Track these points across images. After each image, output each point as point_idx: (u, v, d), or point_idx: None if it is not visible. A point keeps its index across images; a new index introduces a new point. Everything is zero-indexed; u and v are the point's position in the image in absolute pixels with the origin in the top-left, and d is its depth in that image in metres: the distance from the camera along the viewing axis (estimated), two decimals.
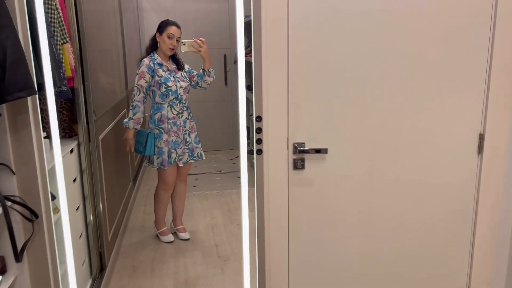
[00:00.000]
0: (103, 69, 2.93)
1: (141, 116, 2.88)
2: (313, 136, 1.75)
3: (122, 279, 2.69)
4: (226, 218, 3.62)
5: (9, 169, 1.51)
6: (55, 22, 1.87)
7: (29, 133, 1.53)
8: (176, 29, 2.89)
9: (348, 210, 1.83)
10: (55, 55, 1.80)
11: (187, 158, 3.04)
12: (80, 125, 2.30)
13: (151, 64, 2.87)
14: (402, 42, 1.68)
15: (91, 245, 2.43)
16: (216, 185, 4.43)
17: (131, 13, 4.43)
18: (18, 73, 1.37)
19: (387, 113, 1.75)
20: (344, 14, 1.64)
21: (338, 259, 1.87)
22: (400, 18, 1.67)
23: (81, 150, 2.32)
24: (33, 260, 1.61)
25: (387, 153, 1.78)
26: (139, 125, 2.90)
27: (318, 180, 1.79)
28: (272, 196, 1.78)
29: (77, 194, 2.28)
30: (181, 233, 3.26)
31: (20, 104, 1.50)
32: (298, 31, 1.64)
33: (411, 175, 1.81)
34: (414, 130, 1.77)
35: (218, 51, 5.50)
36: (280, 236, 1.82)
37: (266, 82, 1.67)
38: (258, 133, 1.72)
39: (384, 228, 1.86)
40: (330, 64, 1.68)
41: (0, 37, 1.32)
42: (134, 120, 2.86)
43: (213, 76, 2.99)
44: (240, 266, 2.84)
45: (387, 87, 1.72)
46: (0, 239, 1.55)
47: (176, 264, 2.88)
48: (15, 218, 1.53)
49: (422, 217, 1.86)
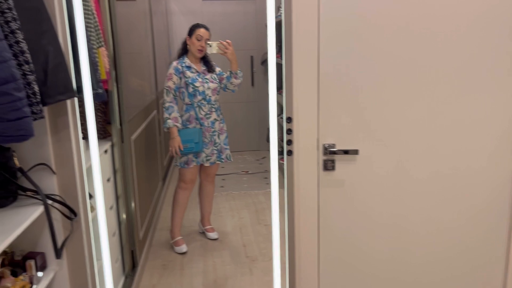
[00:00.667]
0: (134, 71, 3.01)
1: (178, 116, 2.91)
2: (343, 137, 1.74)
3: (152, 277, 2.75)
4: (254, 218, 3.64)
5: (49, 169, 1.57)
6: (91, 27, 1.93)
7: (68, 134, 1.59)
8: (204, 31, 2.93)
9: (379, 212, 1.81)
10: (92, 58, 1.86)
11: (215, 159, 3.07)
12: (113, 127, 2.36)
13: (179, 67, 2.93)
14: (435, 37, 1.66)
15: (124, 243, 2.50)
16: (243, 186, 4.46)
17: (160, 16, 4.52)
18: (58, 77, 1.43)
19: (419, 113, 1.73)
20: (376, 12, 1.64)
21: (368, 260, 1.86)
22: (433, 12, 1.64)
23: (115, 151, 2.39)
24: (72, 257, 1.67)
25: (419, 154, 1.76)
26: (179, 123, 2.92)
27: (348, 181, 1.79)
28: (302, 197, 1.78)
29: (110, 193, 2.34)
30: (210, 232, 3.30)
31: (60, 107, 1.56)
32: (329, 30, 1.64)
33: (444, 177, 1.78)
34: (448, 130, 1.74)
35: (245, 52, 5.54)
36: (310, 237, 1.82)
37: (296, 83, 1.68)
38: (288, 134, 1.73)
39: (416, 231, 1.83)
40: (361, 63, 1.68)
41: (43, 43, 1.38)
42: (172, 119, 2.88)
43: (240, 78, 3.01)
44: (269, 266, 2.85)
45: (420, 86, 1.70)
46: (41, 237, 1.61)
47: (205, 263, 2.92)
48: (55, 216, 1.59)
49: (455, 220, 1.83)
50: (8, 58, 1.16)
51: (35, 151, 1.56)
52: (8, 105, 1.16)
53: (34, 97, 1.30)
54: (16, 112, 1.19)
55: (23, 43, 1.26)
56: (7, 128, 1.18)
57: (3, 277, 1.40)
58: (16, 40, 1.24)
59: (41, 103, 1.36)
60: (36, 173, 1.57)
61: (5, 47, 1.16)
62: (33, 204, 1.50)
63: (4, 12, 1.21)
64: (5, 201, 1.48)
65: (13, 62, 1.18)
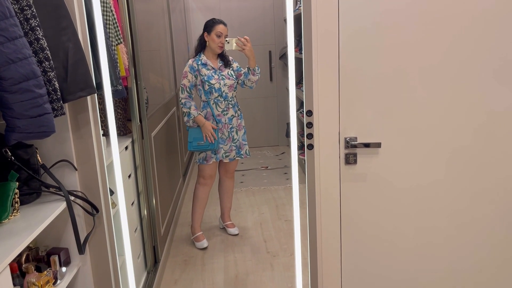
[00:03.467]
0: (153, 68, 3.02)
1: (195, 108, 2.92)
2: (365, 130, 1.71)
3: (174, 273, 2.76)
4: (274, 213, 3.63)
5: (71, 166, 1.59)
6: (110, 24, 1.94)
7: (89, 131, 1.60)
8: (223, 27, 2.92)
9: (402, 206, 1.77)
10: (111, 55, 1.87)
11: (234, 155, 3.06)
12: (133, 123, 2.37)
13: (194, 65, 2.93)
14: (460, 28, 1.61)
15: (146, 239, 2.52)
16: (263, 181, 4.44)
17: (178, 13, 4.53)
18: (79, 73, 1.43)
19: (443, 105, 1.67)
20: (397, 3, 1.59)
21: (392, 256, 1.82)
22: (464, 7, 1.59)
23: (135, 147, 2.40)
24: (94, 252, 1.68)
25: (444, 147, 1.71)
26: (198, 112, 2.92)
27: (370, 175, 1.75)
28: (323, 191, 1.76)
29: (131, 190, 2.36)
30: (230, 228, 3.30)
31: (81, 103, 1.57)
32: (349, 22, 1.61)
33: (471, 171, 1.73)
34: (473, 124, 1.69)
35: (263, 47, 5.51)
36: (332, 232, 1.79)
37: (316, 75, 1.65)
38: (308, 128, 1.71)
39: (442, 226, 1.78)
40: (383, 55, 1.63)
41: (62, 40, 1.38)
42: (191, 111, 2.89)
43: (258, 75, 2.98)
44: (290, 262, 2.83)
45: (445, 78, 1.65)
46: (64, 232, 1.63)
47: (226, 259, 2.92)
48: (78, 212, 1.61)
49: (484, 217, 1.77)
50: (28, 55, 1.17)
51: (57, 148, 1.58)
52: (29, 102, 1.17)
53: (55, 94, 1.31)
54: (37, 108, 1.20)
55: (43, 40, 1.26)
56: (29, 125, 1.19)
57: (27, 273, 1.41)
58: (36, 37, 1.25)
59: (62, 99, 1.37)
60: (58, 170, 1.58)
61: (25, 44, 1.17)
62: (56, 201, 1.52)
63: (24, 9, 1.22)
64: (28, 198, 1.50)
65: (33, 59, 1.19)
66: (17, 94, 1.14)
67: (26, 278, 1.40)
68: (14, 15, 1.14)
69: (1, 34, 1.10)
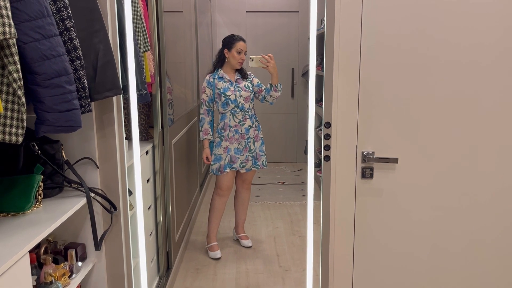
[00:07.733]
0: (177, 78, 3.10)
1: (208, 127, 3.02)
2: (383, 145, 1.71)
3: (186, 280, 2.78)
4: (288, 229, 3.61)
5: (94, 164, 1.64)
6: (139, 31, 2.02)
7: (113, 131, 1.66)
8: (243, 44, 3.01)
9: (418, 224, 1.76)
10: (138, 60, 1.93)
11: (251, 165, 3.09)
12: (155, 129, 2.43)
13: (211, 79, 3.03)
14: (479, 46, 1.61)
15: (160, 244, 2.54)
16: (279, 196, 4.44)
17: (205, 27, 4.64)
18: (107, 74, 1.50)
19: (464, 126, 1.67)
20: (420, 20, 1.61)
21: (404, 276, 1.80)
22: (478, 24, 1.60)
23: (155, 153, 2.46)
24: (110, 250, 1.72)
25: (462, 168, 1.70)
26: (209, 135, 3.02)
27: (386, 191, 1.75)
28: (338, 206, 1.76)
29: (149, 194, 2.40)
30: (244, 240, 3.30)
31: (106, 104, 1.63)
32: (371, 41, 1.64)
33: (491, 194, 1.71)
34: (492, 142, 1.67)
35: (286, 64, 5.57)
36: (345, 249, 1.78)
37: (336, 88, 1.67)
38: (326, 139, 1.72)
39: (458, 245, 1.76)
40: (404, 73, 1.65)
41: (94, 41, 1.45)
42: (203, 131, 3.04)
43: (280, 91, 3.03)
44: (302, 277, 2.81)
45: (467, 97, 1.65)
46: (82, 229, 1.68)
47: (238, 270, 2.92)
48: (97, 209, 1.65)
49: (500, 236, 1.74)
50: (62, 53, 1.24)
51: (81, 146, 1.63)
52: (59, 97, 1.23)
53: (83, 92, 1.37)
54: (66, 104, 1.25)
55: (76, 40, 1.33)
56: (58, 119, 1.24)
57: (45, 264, 1.46)
58: (69, 37, 1.31)
59: (90, 98, 1.43)
60: (81, 167, 1.64)
61: (60, 42, 1.23)
62: (77, 196, 1.57)
63: (60, 10, 1.29)
64: (51, 192, 1.55)
65: (66, 57, 1.25)
66: (49, 89, 1.21)
67: (44, 269, 1.44)
68: (51, 15, 1.21)
69: (38, 31, 1.16)
